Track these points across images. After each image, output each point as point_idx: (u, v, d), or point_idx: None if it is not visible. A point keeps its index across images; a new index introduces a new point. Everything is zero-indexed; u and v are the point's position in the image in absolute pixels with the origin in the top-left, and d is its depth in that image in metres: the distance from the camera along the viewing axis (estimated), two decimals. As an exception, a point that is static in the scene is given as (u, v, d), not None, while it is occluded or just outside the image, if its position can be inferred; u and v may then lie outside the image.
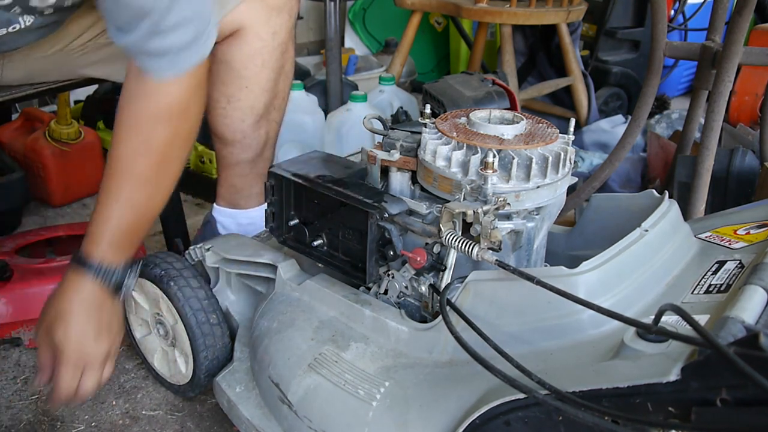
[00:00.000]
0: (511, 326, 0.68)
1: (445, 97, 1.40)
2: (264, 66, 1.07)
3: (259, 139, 1.16)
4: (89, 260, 0.85)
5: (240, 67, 1.06)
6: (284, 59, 1.10)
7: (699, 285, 0.71)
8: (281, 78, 1.12)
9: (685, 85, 2.80)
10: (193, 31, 0.78)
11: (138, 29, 0.75)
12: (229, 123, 1.12)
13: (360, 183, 0.84)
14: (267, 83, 1.10)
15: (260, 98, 1.11)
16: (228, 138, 1.15)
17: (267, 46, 1.06)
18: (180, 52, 0.78)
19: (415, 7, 2.05)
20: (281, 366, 0.80)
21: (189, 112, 0.86)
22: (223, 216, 1.26)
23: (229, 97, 1.09)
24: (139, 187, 0.86)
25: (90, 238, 0.86)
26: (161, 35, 0.76)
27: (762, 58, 1.21)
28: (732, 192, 1.37)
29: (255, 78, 1.08)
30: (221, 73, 1.07)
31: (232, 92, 1.09)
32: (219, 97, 1.10)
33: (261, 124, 1.14)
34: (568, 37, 2.01)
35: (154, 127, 0.83)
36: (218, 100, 1.10)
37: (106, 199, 0.86)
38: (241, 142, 1.15)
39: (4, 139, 1.69)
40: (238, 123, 1.12)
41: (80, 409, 1.02)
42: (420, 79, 2.72)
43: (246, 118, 1.12)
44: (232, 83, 1.08)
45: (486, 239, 0.67)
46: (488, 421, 0.60)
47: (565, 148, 0.77)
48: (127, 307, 1.07)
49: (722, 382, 0.46)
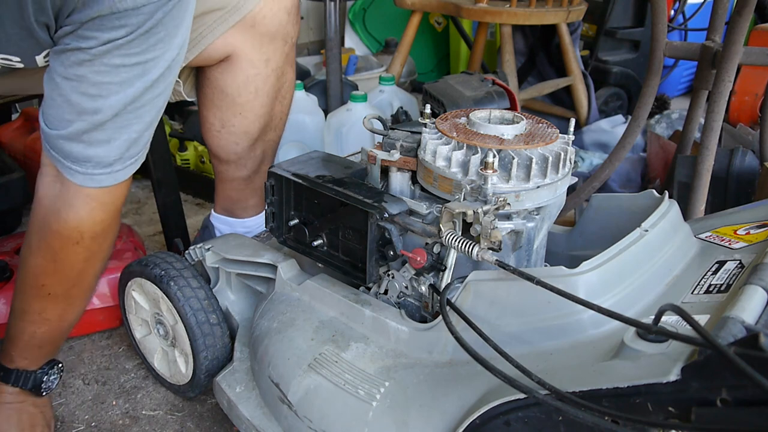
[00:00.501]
0: (511, 326, 0.68)
1: (445, 97, 1.40)
2: (258, 93, 1.06)
3: (255, 159, 1.15)
4: (8, 366, 0.88)
5: (234, 94, 1.05)
6: (280, 83, 1.09)
7: (699, 285, 0.71)
8: (277, 102, 1.11)
9: (685, 85, 2.80)
10: (117, 155, 0.76)
11: (69, 127, 0.73)
12: (224, 145, 1.11)
13: (360, 183, 0.84)
14: (261, 109, 1.08)
15: (254, 124, 1.09)
16: (223, 158, 1.14)
17: (260, 73, 1.04)
18: (97, 167, 0.76)
19: (415, 7, 2.05)
20: (281, 366, 0.80)
21: (105, 234, 0.83)
22: (220, 223, 1.26)
23: (224, 122, 1.08)
24: (51, 305, 0.85)
25: (6, 346, 0.88)
26: (87, 144, 0.74)
27: (762, 58, 1.21)
28: (732, 192, 1.37)
29: (249, 105, 1.06)
30: (215, 98, 1.06)
31: (226, 117, 1.08)
32: (213, 120, 1.09)
33: (256, 146, 1.13)
34: (568, 37, 2.01)
35: (67, 247, 0.80)
36: (213, 123, 1.09)
37: (19, 313, 0.86)
38: (237, 162, 1.14)
39: (4, 139, 1.69)
40: (233, 146, 1.11)
41: (80, 409, 1.02)
42: (420, 79, 2.72)
43: (240, 141, 1.11)
44: (228, 109, 1.06)
45: (486, 239, 0.67)
46: (488, 421, 0.60)
47: (565, 148, 0.77)
48: (127, 307, 1.07)
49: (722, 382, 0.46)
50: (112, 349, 1.16)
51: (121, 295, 1.07)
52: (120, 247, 1.23)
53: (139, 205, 1.73)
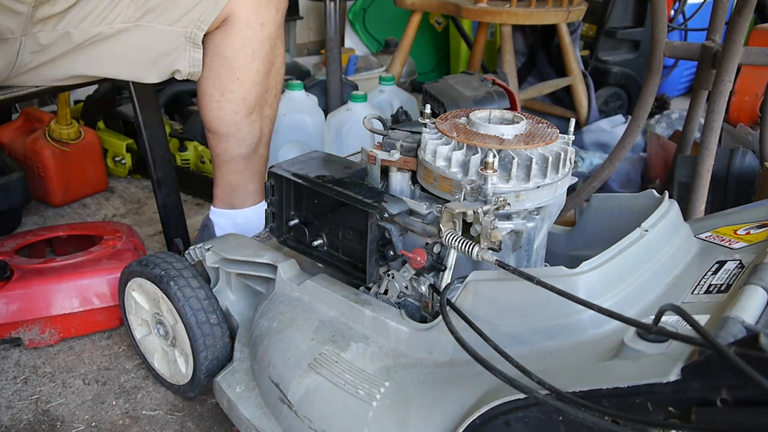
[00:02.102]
0: (511, 326, 0.68)
1: (445, 97, 1.40)
2: (254, 57, 1.11)
3: (253, 134, 1.19)
4: None
5: (232, 57, 1.10)
6: (274, 55, 1.15)
7: (699, 285, 0.71)
8: (272, 73, 1.17)
9: (685, 85, 2.80)
10: None
11: None
12: (223, 116, 1.16)
13: (360, 183, 0.84)
14: (257, 75, 1.14)
15: (252, 90, 1.14)
16: (222, 131, 1.17)
17: (256, 36, 1.10)
18: None
19: (415, 7, 2.05)
20: (281, 366, 0.80)
21: None
22: (219, 217, 1.27)
23: (223, 89, 1.13)
24: None
25: None
26: None
27: (762, 58, 1.21)
28: (732, 192, 1.37)
29: (246, 69, 1.12)
30: (215, 66, 1.11)
31: (225, 84, 1.13)
32: (213, 90, 1.14)
33: (254, 118, 1.18)
34: (568, 37, 2.01)
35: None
36: (212, 94, 1.14)
37: None
38: (235, 135, 1.18)
39: (4, 139, 1.69)
40: (231, 115, 1.15)
41: (80, 409, 1.02)
42: (420, 79, 2.72)
43: (239, 110, 1.15)
44: (226, 75, 1.12)
45: (486, 239, 0.67)
46: (488, 421, 0.60)
47: (565, 148, 0.77)
48: (128, 307, 1.07)
49: (722, 382, 0.46)
50: (112, 349, 1.16)
51: (121, 295, 1.07)
52: (120, 247, 1.23)
53: (139, 205, 1.73)
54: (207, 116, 1.17)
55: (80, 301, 1.14)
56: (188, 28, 1.04)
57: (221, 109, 1.15)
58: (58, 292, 1.13)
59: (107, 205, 1.73)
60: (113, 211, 1.70)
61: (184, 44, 1.05)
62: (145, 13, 1.02)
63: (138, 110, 1.25)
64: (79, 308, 1.14)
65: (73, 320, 1.15)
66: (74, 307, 1.14)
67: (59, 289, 1.13)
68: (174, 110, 2.10)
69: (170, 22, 1.04)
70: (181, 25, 1.04)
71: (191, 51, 1.06)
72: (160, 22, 1.03)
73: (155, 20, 1.03)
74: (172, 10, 1.03)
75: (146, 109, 1.25)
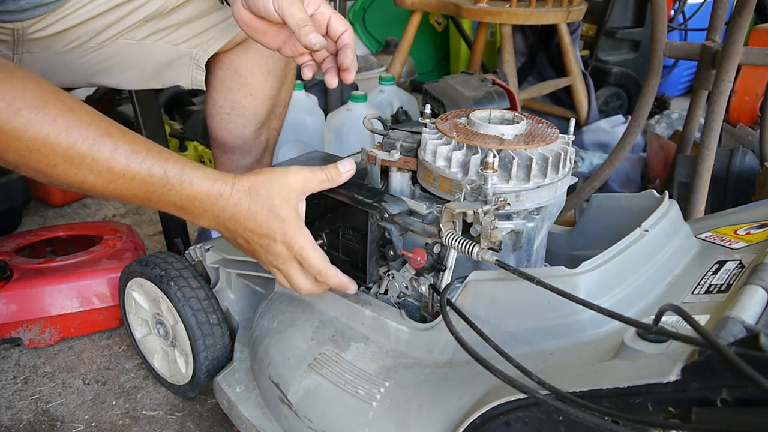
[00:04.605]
0: (511, 326, 0.68)
1: (445, 97, 1.40)
2: (269, 74, 1.11)
3: (258, 146, 1.19)
4: None
5: (248, 74, 1.09)
6: (287, 69, 1.14)
7: (699, 285, 0.71)
8: (284, 87, 1.15)
9: (685, 85, 2.80)
10: None
11: None
12: (232, 128, 1.14)
13: (360, 183, 0.84)
14: (271, 91, 1.13)
15: (263, 105, 1.13)
16: (228, 144, 1.17)
17: (274, 55, 1.08)
18: None
19: (415, 7, 2.05)
20: (281, 366, 0.80)
21: None
22: None
23: (234, 103, 1.12)
24: None
25: None
26: None
27: (762, 58, 1.21)
28: (732, 192, 1.37)
29: (260, 86, 1.11)
30: (228, 80, 1.10)
31: (237, 99, 1.12)
32: (224, 102, 1.12)
33: (261, 131, 1.17)
34: (568, 37, 2.01)
35: None
36: (222, 106, 1.13)
37: None
38: (241, 148, 1.17)
39: (4, 139, 1.68)
40: (240, 129, 1.14)
41: (80, 409, 1.02)
42: (420, 79, 2.72)
43: (248, 124, 1.14)
44: (239, 90, 1.11)
45: (486, 239, 0.67)
46: (488, 421, 0.60)
47: (565, 148, 0.77)
48: (128, 307, 1.07)
49: (722, 382, 0.46)
50: (112, 349, 1.16)
51: (121, 295, 1.07)
52: (120, 247, 1.23)
53: (139, 205, 1.73)
54: (214, 127, 1.16)
55: (80, 301, 1.14)
56: (194, 49, 1.04)
57: (230, 122, 1.14)
58: (58, 292, 1.13)
59: (107, 205, 1.73)
60: (113, 211, 1.70)
61: (188, 63, 1.05)
62: (153, 33, 1.02)
63: (138, 110, 1.25)
64: (79, 308, 1.14)
65: (73, 320, 1.15)
66: (74, 307, 1.14)
67: (59, 289, 1.13)
68: (174, 110, 2.10)
69: (176, 42, 1.03)
70: (187, 46, 1.03)
71: (194, 71, 1.06)
72: (166, 42, 1.03)
73: (161, 39, 1.03)
74: (181, 31, 1.02)
75: (146, 109, 1.25)
